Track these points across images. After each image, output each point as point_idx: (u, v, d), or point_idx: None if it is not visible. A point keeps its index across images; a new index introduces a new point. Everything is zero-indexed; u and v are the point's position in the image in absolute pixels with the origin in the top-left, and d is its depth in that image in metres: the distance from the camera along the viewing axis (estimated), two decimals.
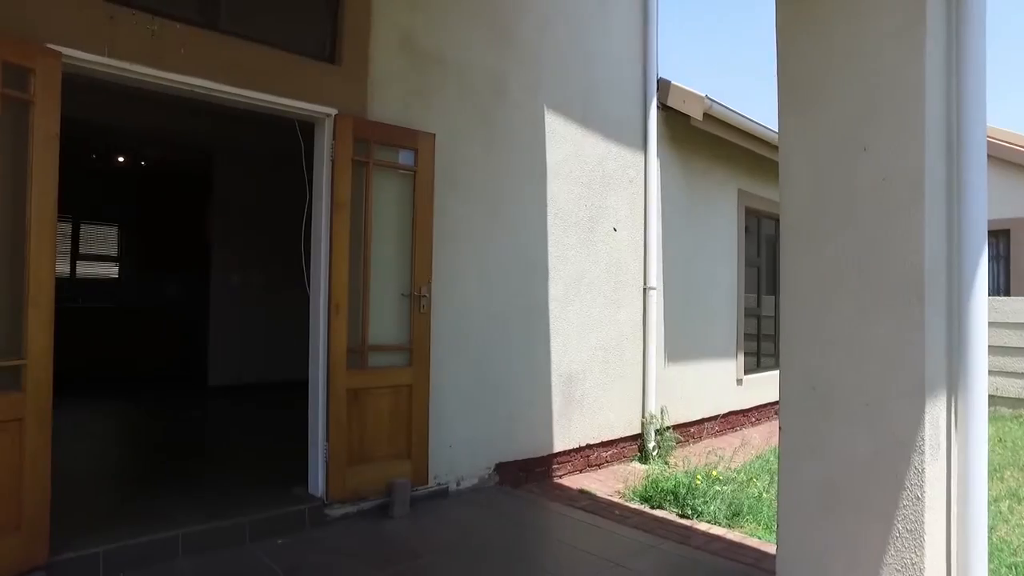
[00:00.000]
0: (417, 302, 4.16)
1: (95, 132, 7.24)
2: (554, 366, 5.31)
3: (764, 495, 4.83)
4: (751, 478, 5.33)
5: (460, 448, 4.61)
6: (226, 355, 8.05)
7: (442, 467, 4.47)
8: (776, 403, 8.38)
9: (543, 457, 5.22)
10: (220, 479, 4.38)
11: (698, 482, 4.64)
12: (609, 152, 5.83)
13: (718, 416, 7.25)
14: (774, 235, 8.54)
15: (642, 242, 6.15)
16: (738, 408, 7.58)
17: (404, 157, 4.18)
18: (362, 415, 3.96)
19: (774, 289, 8.55)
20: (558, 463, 5.35)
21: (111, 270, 9.58)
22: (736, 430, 7.54)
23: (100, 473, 4.68)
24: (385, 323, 4.11)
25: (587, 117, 5.62)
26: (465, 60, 4.68)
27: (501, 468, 4.90)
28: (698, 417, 6.92)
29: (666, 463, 5.96)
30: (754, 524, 4.30)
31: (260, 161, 8.26)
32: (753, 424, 7.86)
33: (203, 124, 7.03)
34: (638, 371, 6.12)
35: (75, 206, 9.15)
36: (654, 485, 4.84)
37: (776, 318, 8.54)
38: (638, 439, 6.12)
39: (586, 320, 5.59)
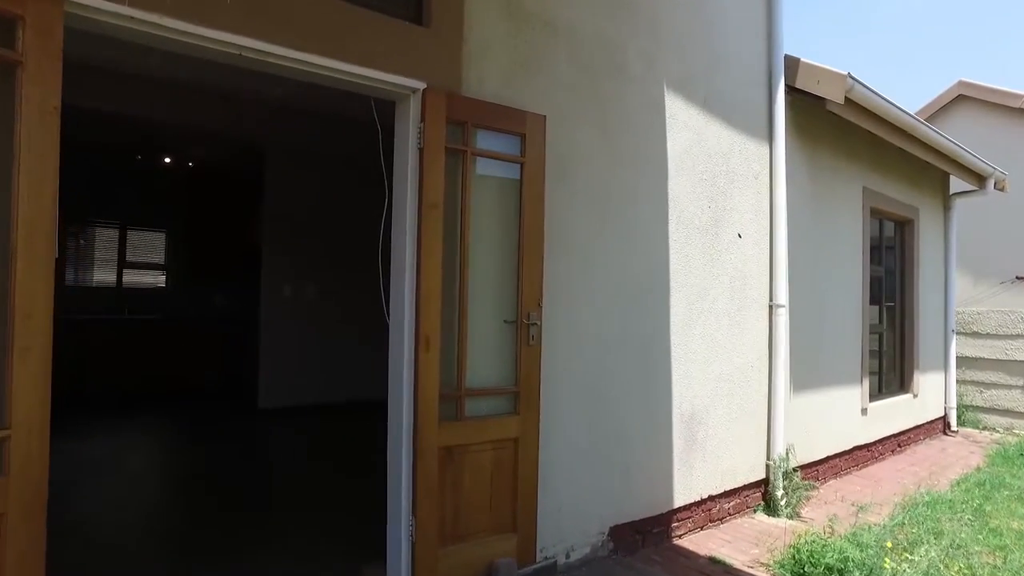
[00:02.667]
0: (525, 331, 3.24)
1: (137, 129, 6.56)
2: (675, 403, 4.34)
3: None
4: (914, 543, 4.25)
5: (569, 511, 3.69)
6: (278, 374, 7.30)
7: (549, 536, 3.55)
8: (900, 434, 7.31)
9: (661, 515, 4.26)
10: (267, 555, 3.52)
11: (886, 566, 3.60)
12: (733, 143, 4.84)
13: (842, 453, 6.16)
14: (894, 237, 7.41)
15: (768, 251, 5.13)
16: (863, 442, 6.48)
17: (508, 145, 3.27)
18: (458, 480, 3.06)
19: (900, 302, 7.41)
20: (677, 520, 4.38)
21: (158, 279, 8.95)
22: (861, 468, 6.44)
23: (118, 530, 3.88)
24: (485, 359, 3.21)
25: (709, 99, 4.64)
26: (577, 25, 3.76)
27: (615, 532, 3.95)
28: (822, 455, 5.86)
29: (797, 514, 4.94)
30: None
31: (316, 159, 7.50)
32: (877, 459, 6.74)
33: (253, 117, 6.28)
34: (763, 405, 5.11)
35: (122, 211, 8.54)
36: (810, 557, 3.82)
37: (901, 334, 7.40)
38: (762, 485, 5.10)
39: (709, 346, 4.60)
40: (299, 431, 6.59)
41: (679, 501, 4.37)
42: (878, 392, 6.96)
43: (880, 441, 6.76)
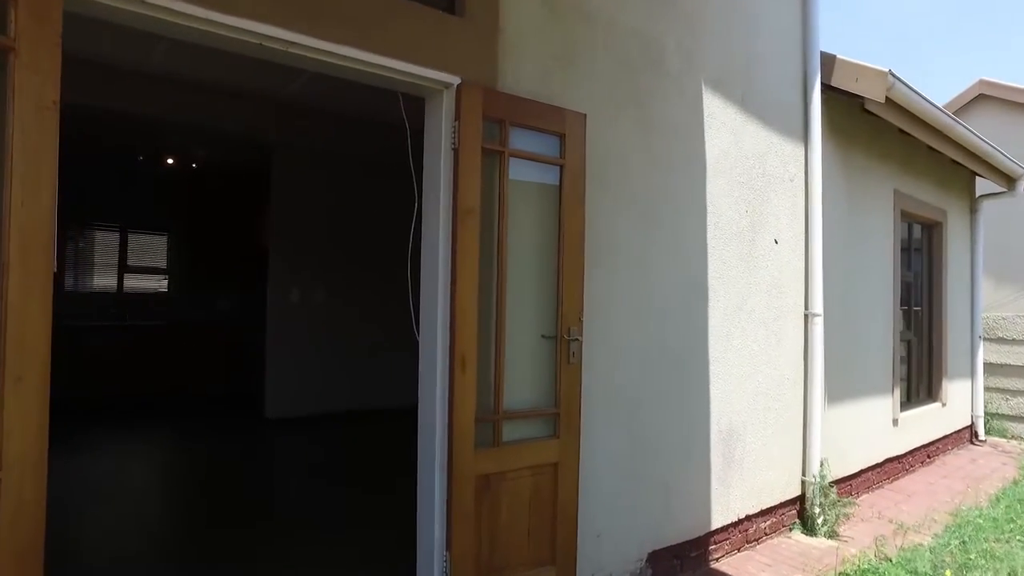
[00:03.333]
0: (565, 348, 2.99)
1: (138, 128, 6.30)
2: (713, 419, 4.10)
3: None
4: (967, 567, 4.01)
5: (609, 537, 3.44)
6: (285, 383, 7.03)
7: (587, 565, 3.29)
8: (929, 444, 7.06)
9: (699, 538, 4.01)
10: None
11: None
12: (770, 144, 4.59)
13: (874, 466, 5.92)
14: (921, 240, 7.17)
15: (803, 257, 4.89)
16: (894, 454, 6.23)
17: (546, 145, 3.01)
18: (495, 510, 2.80)
19: (927, 306, 7.17)
20: (715, 543, 4.13)
21: (161, 284, 8.69)
22: (892, 481, 6.19)
23: (119, 557, 3.61)
24: (522, 379, 2.95)
25: (747, 99, 4.40)
26: (616, 16, 3.50)
27: (653, 558, 3.70)
28: (855, 469, 5.61)
29: (835, 533, 4.69)
30: None
31: (325, 159, 7.25)
32: (908, 472, 6.49)
33: (260, 115, 6.04)
34: (798, 418, 4.86)
35: (122, 213, 8.28)
36: None
37: (929, 340, 7.16)
38: (797, 502, 4.85)
39: (747, 358, 4.36)
40: (310, 443, 6.32)
41: (717, 522, 4.13)
42: (907, 401, 6.72)
43: (911, 452, 6.52)
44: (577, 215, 3.05)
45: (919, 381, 7.10)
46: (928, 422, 6.87)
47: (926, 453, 6.86)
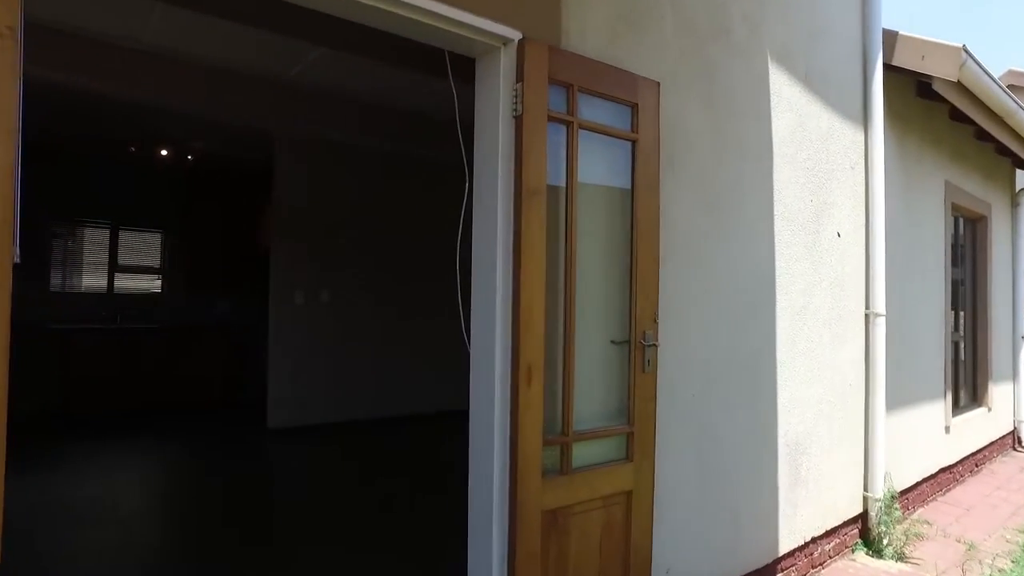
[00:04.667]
0: (639, 355, 2.54)
1: (130, 115, 5.81)
2: (780, 432, 3.66)
3: None
4: None
5: (677, 572, 2.99)
6: (289, 390, 6.55)
7: None
8: (977, 452, 6.65)
9: (767, 566, 3.57)
10: None
11: None
12: (832, 127, 4.17)
13: (928, 477, 5.50)
14: (964, 235, 6.77)
15: (863, 252, 4.46)
16: (946, 464, 5.81)
17: (617, 117, 2.57)
18: (563, 551, 2.35)
19: (972, 306, 6.77)
20: (781, 570, 3.69)
21: (154, 284, 8.18)
22: (945, 492, 5.78)
23: None
24: (591, 392, 2.51)
25: (810, 76, 3.97)
26: None
27: None
28: (910, 482, 5.18)
29: (903, 555, 4.26)
30: None
31: (333, 149, 6.78)
32: (959, 482, 6.08)
33: (262, 100, 5.56)
34: (860, 428, 4.44)
35: (113, 209, 7.77)
36: None
37: (973, 341, 6.75)
38: (859, 520, 4.43)
39: (812, 363, 3.93)
40: (319, 455, 5.84)
41: (784, 547, 3.69)
42: (956, 406, 6.31)
43: (961, 461, 6.11)
44: (652, 200, 2.60)
45: (964, 385, 6.70)
46: (976, 429, 6.47)
47: (973, 462, 6.45)
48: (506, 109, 2.30)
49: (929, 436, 5.51)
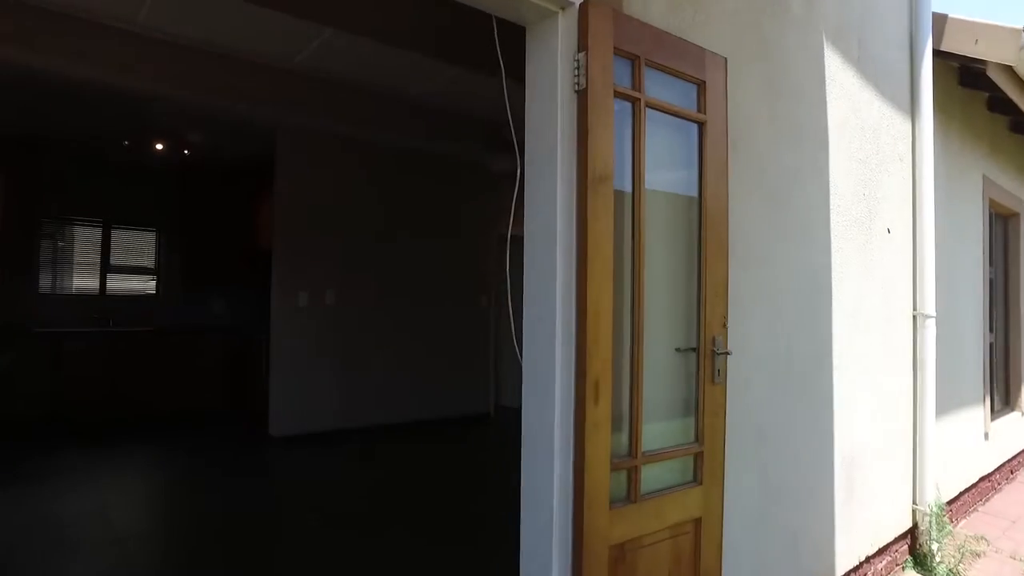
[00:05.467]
0: (708, 363, 2.25)
1: (124, 105, 5.46)
2: (836, 442, 3.38)
3: None
4: None
5: None
6: (293, 396, 6.23)
7: None
8: (1012, 459, 6.39)
9: None
10: None
11: None
12: (882, 116, 3.89)
13: (970, 487, 5.23)
14: (998, 231, 6.50)
15: (911, 249, 4.19)
16: (985, 472, 5.55)
17: (682, 96, 2.27)
18: None
19: (1003, 306, 6.51)
20: None
21: (148, 284, 7.84)
22: (984, 502, 5.51)
23: None
24: (656, 407, 2.21)
25: (862, 60, 3.69)
26: None
27: None
28: (953, 493, 4.92)
29: (956, 574, 3.99)
30: None
31: (339, 145, 6.47)
32: (996, 491, 5.82)
33: (264, 89, 5.24)
34: (908, 437, 4.16)
35: (105, 207, 7.42)
36: None
37: (1005, 343, 6.49)
38: (907, 536, 4.15)
39: (865, 368, 3.66)
40: (328, 467, 5.51)
41: (840, 568, 3.41)
42: (991, 410, 6.05)
43: (998, 469, 5.86)
44: (719, 189, 2.31)
45: (997, 388, 6.44)
46: (1010, 433, 6.22)
47: (1009, 469, 6.20)
48: (565, 83, 1.99)
49: (969, 443, 5.25)
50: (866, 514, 3.66)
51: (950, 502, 4.83)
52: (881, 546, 3.82)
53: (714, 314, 2.26)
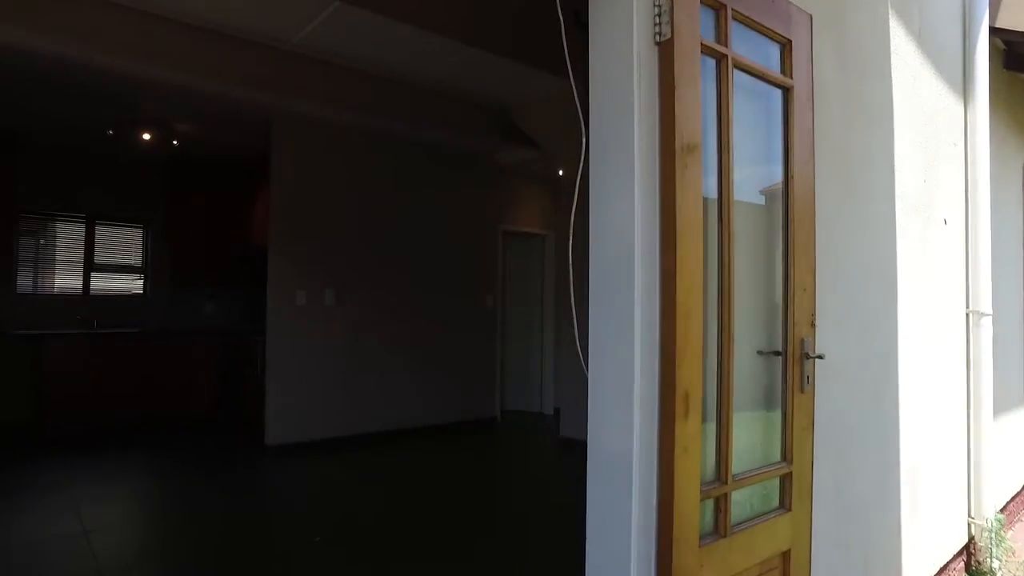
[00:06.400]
0: (796, 369, 1.91)
1: (106, 89, 5.05)
2: (903, 453, 3.06)
3: None
4: None
5: None
6: (290, 402, 5.86)
7: None
8: None
9: None
10: None
11: None
12: (939, 97, 3.59)
13: (1016, 495, 4.95)
14: None
15: (963, 241, 3.90)
16: None
17: (765, 56, 1.94)
18: None
19: None
20: None
21: (135, 284, 7.43)
22: None
23: None
24: (739, 419, 1.87)
25: (923, 34, 3.38)
26: None
27: None
28: (1002, 502, 4.62)
29: None
30: None
31: (340, 134, 6.10)
32: None
33: (258, 72, 4.88)
34: (962, 444, 3.86)
35: (89, 201, 7.01)
36: None
37: None
38: (963, 552, 3.85)
39: (924, 370, 3.35)
40: (328, 481, 5.15)
41: None
42: None
43: None
44: (806, 164, 1.99)
45: None
46: None
47: None
48: (643, 34, 1.65)
49: (1016, 447, 4.97)
50: (927, 529, 3.36)
51: (999, 511, 4.54)
52: (941, 565, 3.52)
53: (802, 312, 1.94)
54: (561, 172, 6.88)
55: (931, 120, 3.47)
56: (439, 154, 6.73)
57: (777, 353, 1.95)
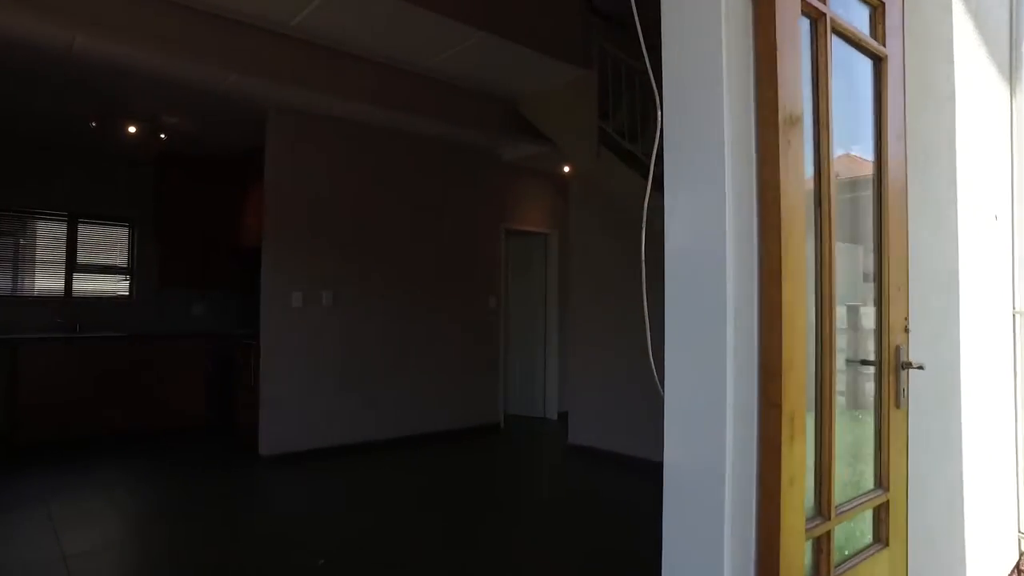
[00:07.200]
0: (892, 380, 1.65)
1: (87, 78, 4.73)
2: (965, 469, 2.81)
3: None
4: None
5: None
6: (286, 410, 5.55)
7: None
8: None
9: None
10: None
11: None
12: (988, 81, 3.36)
13: None
14: None
15: (1011, 238, 3.67)
16: None
17: (858, 19, 1.67)
18: None
19: None
20: None
21: (120, 285, 7.09)
22: None
23: None
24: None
25: (979, 11, 3.15)
26: None
27: None
28: None
29: None
30: None
31: (340, 127, 5.81)
32: None
33: (251, 60, 4.58)
34: (1011, 457, 3.63)
35: (71, 198, 6.67)
36: None
37: None
38: (1015, 571, 3.61)
39: (980, 377, 3.12)
40: (326, 494, 4.84)
41: None
42: None
43: None
44: (900, 146, 1.74)
45: None
46: None
47: None
48: None
49: None
50: (981, 551, 3.11)
51: None
52: None
53: (897, 314, 1.68)
54: (567, 168, 6.61)
55: (983, 105, 3.23)
56: (442, 148, 6.46)
57: (865, 362, 1.68)
